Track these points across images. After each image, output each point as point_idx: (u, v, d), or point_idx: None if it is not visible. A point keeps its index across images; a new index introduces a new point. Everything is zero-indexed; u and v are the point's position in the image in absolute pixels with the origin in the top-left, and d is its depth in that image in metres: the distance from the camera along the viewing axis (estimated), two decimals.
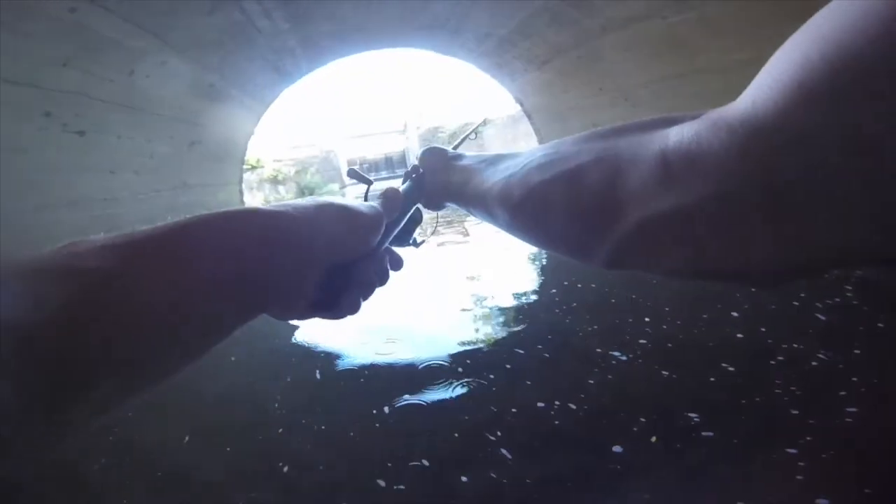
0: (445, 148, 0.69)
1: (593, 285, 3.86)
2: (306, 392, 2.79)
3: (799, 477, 1.58)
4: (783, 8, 4.04)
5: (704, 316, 2.92)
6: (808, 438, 1.74)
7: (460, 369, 2.73)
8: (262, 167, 21.02)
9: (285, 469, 2.02)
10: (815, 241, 0.24)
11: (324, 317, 0.41)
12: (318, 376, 2.93)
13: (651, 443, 1.83)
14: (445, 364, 2.78)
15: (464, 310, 3.69)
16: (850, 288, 3.39)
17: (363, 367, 2.94)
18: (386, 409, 2.39)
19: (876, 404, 1.86)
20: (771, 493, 1.52)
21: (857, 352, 2.32)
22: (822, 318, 2.87)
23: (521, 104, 10.09)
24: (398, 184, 0.61)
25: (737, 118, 0.28)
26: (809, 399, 1.97)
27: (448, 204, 0.63)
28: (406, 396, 2.49)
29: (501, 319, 3.44)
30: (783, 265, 0.27)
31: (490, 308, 3.68)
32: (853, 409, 1.85)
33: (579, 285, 3.88)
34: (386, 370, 2.86)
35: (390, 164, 29.58)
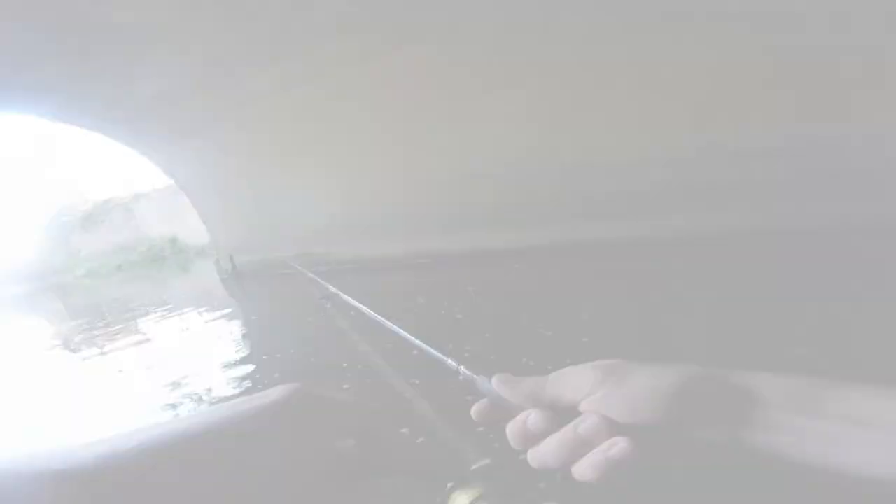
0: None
1: (292, 350, 3.88)
2: None
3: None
4: (394, 73, 5.11)
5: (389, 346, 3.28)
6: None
7: None
8: None
9: None
10: None
11: None
12: None
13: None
14: None
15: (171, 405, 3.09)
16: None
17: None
18: None
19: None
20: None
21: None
22: (459, 317, 3.91)
23: (173, 176, 9.16)
24: None
25: None
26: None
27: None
28: None
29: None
30: None
31: (192, 397, 3.19)
32: None
33: (278, 355, 3.84)
34: None
35: None
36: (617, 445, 0.30)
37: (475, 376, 0.38)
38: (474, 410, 0.37)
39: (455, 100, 5.11)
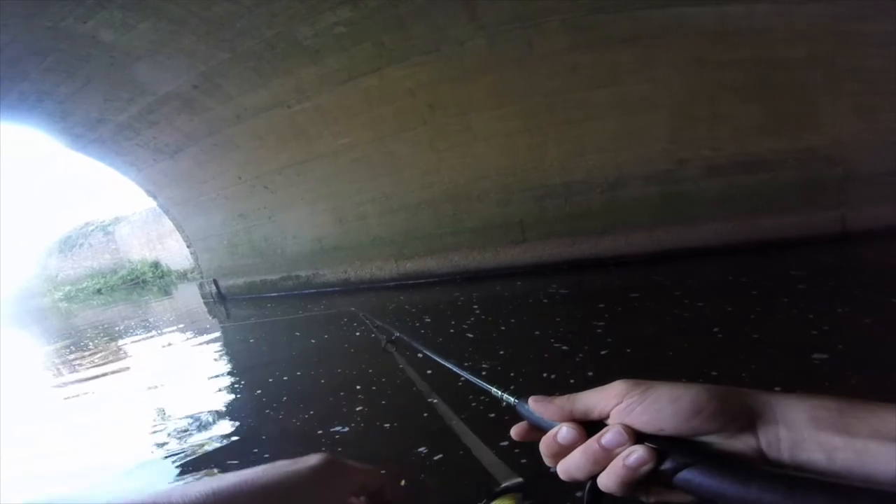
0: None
1: (298, 373, 3.78)
2: None
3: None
4: (370, 96, 5.18)
5: (400, 366, 3.23)
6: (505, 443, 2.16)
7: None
8: None
9: None
10: None
11: None
12: None
13: (402, 486, 1.89)
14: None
15: (155, 432, 2.95)
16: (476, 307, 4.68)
17: None
18: None
19: None
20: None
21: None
22: (470, 335, 3.93)
23: (155, 197, 9.02)
24: None
25: None
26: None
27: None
28: None
29: (208, 432, 2.89)
30: None
31: (192, 423, 3.07)
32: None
33: (285, 378, 3.70)
34: None
35: None
36: (635, 454, 0.31)
37: (516, 401, 0.42)
38: (514, 431, 0.40)
39: (440, 121, 5.19)
